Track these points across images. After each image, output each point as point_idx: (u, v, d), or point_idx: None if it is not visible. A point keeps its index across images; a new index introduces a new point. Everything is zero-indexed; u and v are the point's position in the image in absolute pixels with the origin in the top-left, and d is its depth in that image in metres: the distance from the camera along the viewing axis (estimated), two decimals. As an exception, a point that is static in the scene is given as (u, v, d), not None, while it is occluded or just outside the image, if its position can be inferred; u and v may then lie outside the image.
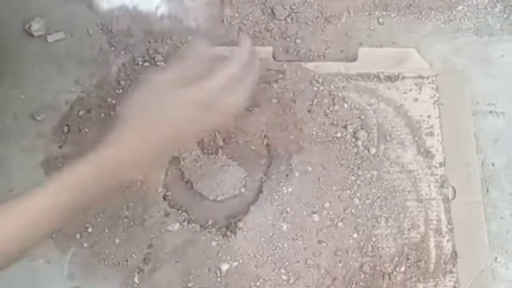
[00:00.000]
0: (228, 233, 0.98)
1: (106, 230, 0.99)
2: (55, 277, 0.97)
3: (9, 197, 0.64)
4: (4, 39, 1.09)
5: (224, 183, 1.02)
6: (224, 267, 0.98)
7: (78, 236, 0.99)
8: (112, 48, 1.10)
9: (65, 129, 1.04)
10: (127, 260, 0.98)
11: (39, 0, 1.11)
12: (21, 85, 1.07)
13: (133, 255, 0.98)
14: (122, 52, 1.10)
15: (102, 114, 1.06)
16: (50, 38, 1.09)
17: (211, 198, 1.02)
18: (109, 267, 0.98)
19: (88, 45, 1.10)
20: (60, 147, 1.03)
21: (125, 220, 1.00)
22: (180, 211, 1.01)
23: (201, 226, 1.00)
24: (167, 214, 1.00)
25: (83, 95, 1.07)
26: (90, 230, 0.99)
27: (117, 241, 0.99)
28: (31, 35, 1.09)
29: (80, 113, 1.05)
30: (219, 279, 0.97)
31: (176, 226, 0.99)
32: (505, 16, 1.18)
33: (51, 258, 0.98)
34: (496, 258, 1.04)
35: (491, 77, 1.14)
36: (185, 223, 1.00)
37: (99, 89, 1.07)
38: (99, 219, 0.99)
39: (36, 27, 1.08)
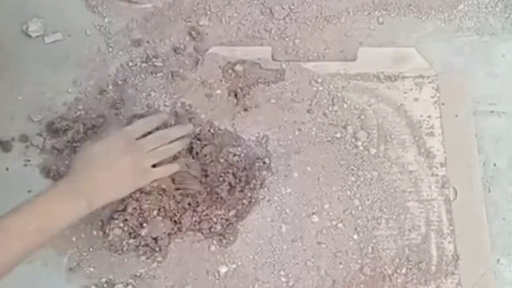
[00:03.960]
0: (227, 235, 0.97)
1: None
2: (52, 280, 0.97)
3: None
4: (2, 40, 1.08)
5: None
6: (223, 269, 0.97)
7: (74, 238, 0.97)
8: (110, 49, 1.10)
9: (62, 130, 1.03)
10: (124, 263, 0.97)
11: (37, 1, 1.10)
12: (18, 86, 1.06)
13: (131, 257, 0.97)
14: (120, 53, 1.09)
15: (100, 116, 1.05)
16: (47, 39, 1.09)
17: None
18: (107, 269, 0.97)
19: (86, 46, 1.10)
20: (57, 148, 1.02)
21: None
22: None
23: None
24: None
25: (80, 96, 1.06)
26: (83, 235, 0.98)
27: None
28: (29, 36, 1.08)
29: (77, 114, 1.04)
30: (217, 282, 0.96)
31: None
32: (506, 15, 1.17)
33: (48, 261, 0.97)
34: (498, 260, 1.03)
35: (492, 76, 1.13)
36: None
37: (96, 90, 1.06)
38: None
39: (33, 28, 1.08)
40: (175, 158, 0.94)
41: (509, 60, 1.14)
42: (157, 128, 0.93)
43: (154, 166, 0.89)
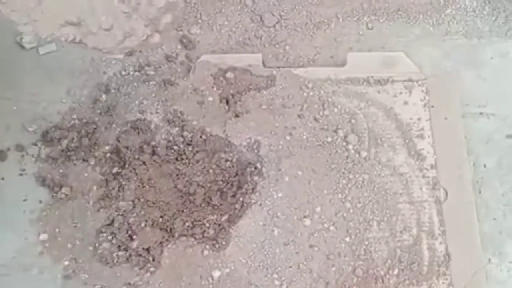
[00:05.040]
0: (220, 240, 0.98)
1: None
2: (48, 287, 0.97)
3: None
4: (-4, 51, 1.10)
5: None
6: (216, 274, 0.98)
7: (69, 245, 0.98)
8: (103, 59, 1.11)
9: (57, 139, 1.04)
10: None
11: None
12: (13, 97, 1.07)
13: (125, 263, 0.98)
14: (113, 62, 1.11)
15: (93, 125, 1.06)
16: (41, 50, 1.10)
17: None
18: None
19: (79, 56, 1.11)
20: (52, 157, 1.04)
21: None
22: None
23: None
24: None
25: (74, 105, 1.07)
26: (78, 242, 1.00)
27: (109, 249, 0.99)
28: (23, 47, 1.10)
29: (71, 123, 1.06)
30: (211, 286, 0.97)
31: (168, 233, 0.99)
32: (494, 18, 1.18)
33: (44, 268, 0.98)
34: (489, 259, 1.04)
35: (481, 79, 1.14)
36: (177, 230, 1.00)
37: (90, 99, 1.08)
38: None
39: (27, 39, 1.09)
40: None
41: (497, 63, 1.15)
42: None
43: None
